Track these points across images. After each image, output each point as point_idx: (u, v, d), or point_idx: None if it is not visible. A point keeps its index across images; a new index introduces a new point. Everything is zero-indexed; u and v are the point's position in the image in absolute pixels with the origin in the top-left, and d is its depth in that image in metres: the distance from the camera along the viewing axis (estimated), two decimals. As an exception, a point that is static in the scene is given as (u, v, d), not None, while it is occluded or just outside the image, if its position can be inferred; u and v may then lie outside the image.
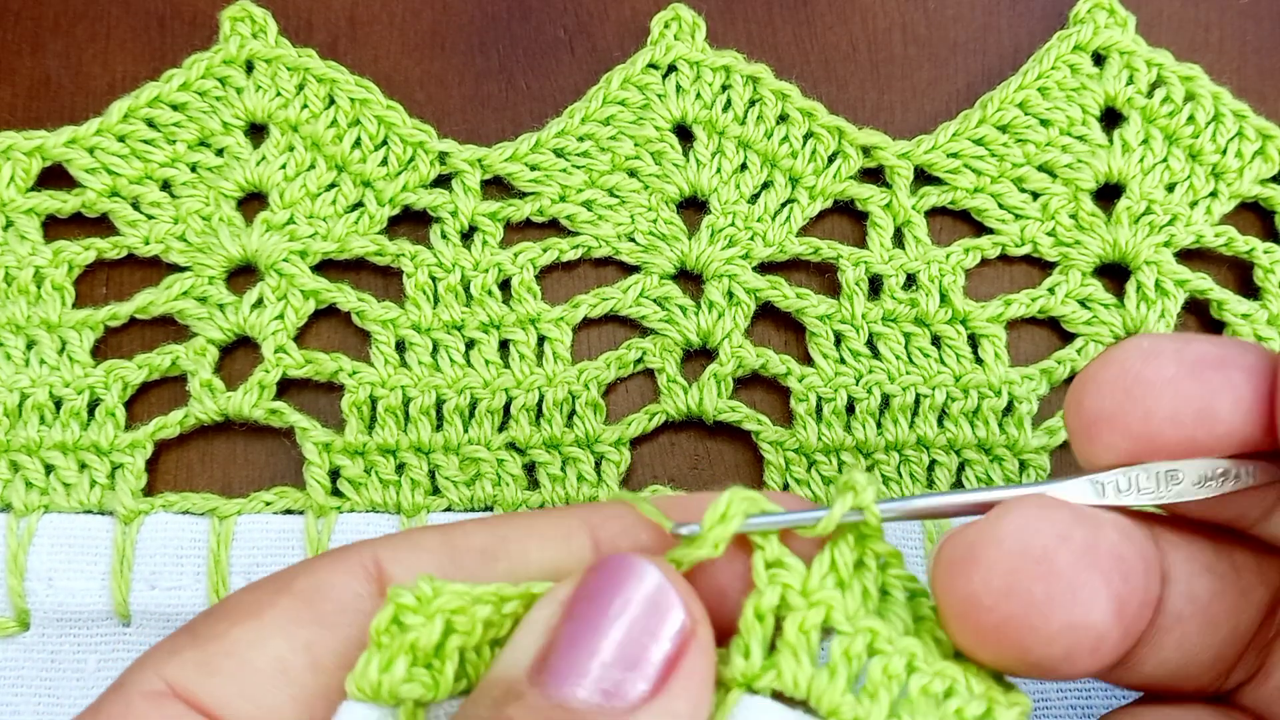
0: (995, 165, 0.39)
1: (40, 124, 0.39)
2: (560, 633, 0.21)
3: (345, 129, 0.39)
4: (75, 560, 0.35)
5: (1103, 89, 0.40)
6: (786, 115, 0.40)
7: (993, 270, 0.39)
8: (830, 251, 0.38)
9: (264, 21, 0.40)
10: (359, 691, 0.21)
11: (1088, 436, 0.23)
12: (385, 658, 0.21)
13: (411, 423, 0.36)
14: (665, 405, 0.37)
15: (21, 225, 0.38)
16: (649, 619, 0.21)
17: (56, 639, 0.34)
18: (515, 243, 0.39)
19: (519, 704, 0.20)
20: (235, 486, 0.37)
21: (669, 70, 0.40)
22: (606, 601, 0.21)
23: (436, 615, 0.21)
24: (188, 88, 0.39)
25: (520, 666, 0.21)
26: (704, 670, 0.21)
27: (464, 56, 0.41)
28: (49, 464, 0.36)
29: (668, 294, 0.38)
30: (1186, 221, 0.39)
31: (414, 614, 0.21)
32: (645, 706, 0.20)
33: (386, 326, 0.37)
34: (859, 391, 0.37)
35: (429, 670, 0.22)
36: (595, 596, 0.21)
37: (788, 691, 0.22)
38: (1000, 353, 0.37)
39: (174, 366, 0.37)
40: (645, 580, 0.21)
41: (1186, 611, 0.23)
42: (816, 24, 0.42)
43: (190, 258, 0.38)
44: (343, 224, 0.38)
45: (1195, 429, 0.22)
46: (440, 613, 0.21)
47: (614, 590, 0.21)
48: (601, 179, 0.39)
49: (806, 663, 0.22)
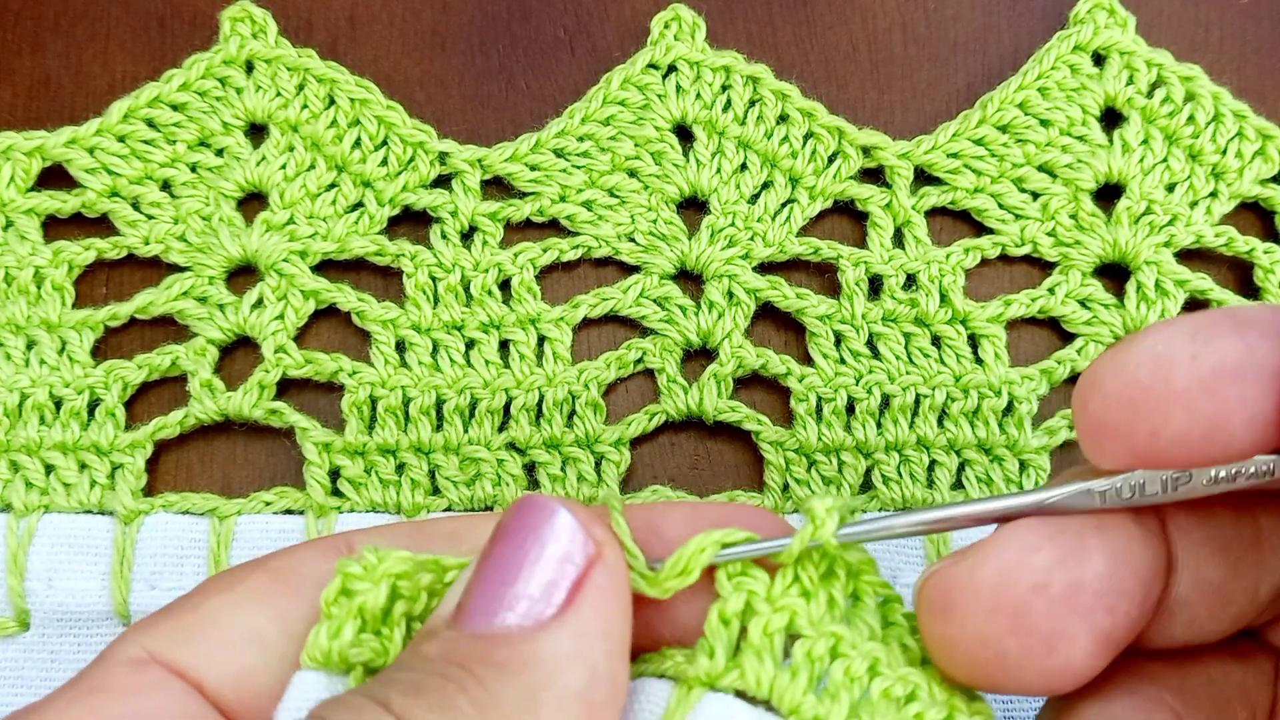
0: (995, 165, 0.39)
1: (40, 124, 0.39)
2: (474, 577, 0.22)
3: (345, 129, 0.39)
4: (75, 560, 0.35)
5: (1103, 89, 0.40)
6: (786, 115, 0.40)
7: (993, 270, 0.39)
8: (830, 251, 0.38)
9: (264, 21, 0.40)
10: (310, 660, 0.22)
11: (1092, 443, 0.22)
12: (334, 625, 0.22)
13: (411, 423, 0.36)
14: (665, 405, 0.37)
15: (21, 225, 0.38)
16: (553, 548, 0.22)
17: (56, 639, 0.34)
18: (515, 243, 0.39)
19: (433, 640, 0.21)
20: (235, 486, 0.37)
21: (669, 70, 0.40)
22: (515, 540, 0.22)
23: (382, 580, 0.22)
24: (188, 88, 0.39)
25: (443, 616, 0.22)
26: (612, 588, 0.22)
27: (464, 56, 0.41)
28: (49, 464, 0.36)
29: (668, 294, 0.38)
30: (1186, 221, 0.39)
31: (361, 581, 0.22)
32: (553, 623, 0.21)
33: (386, 326, 0.37)
34: (859, 391, 0.37)
35: (378, 636, 0.22)
36: (504, 537, 0.22)
37: (750, 691, 0.22)
38: (1000, 353, 0.37)
39: (174, 366, 0.37)
40: (549, 514, 0.22)
41: (1194, 597, 0.23)
42: (816, 24, 0.42)
43: (190, 258, 0.38)
44: (343, 224, 0.38)
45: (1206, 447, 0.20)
46: (385, 577, 0.22)
47: (521, 528, 0.22)
48: (601, 179, 0.39)
49: (769, 663, 0.22)
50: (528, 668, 0.20)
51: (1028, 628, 0.21)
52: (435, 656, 0.21)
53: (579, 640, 0.21)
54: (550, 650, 0.21)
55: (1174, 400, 0.20)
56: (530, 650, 0.21)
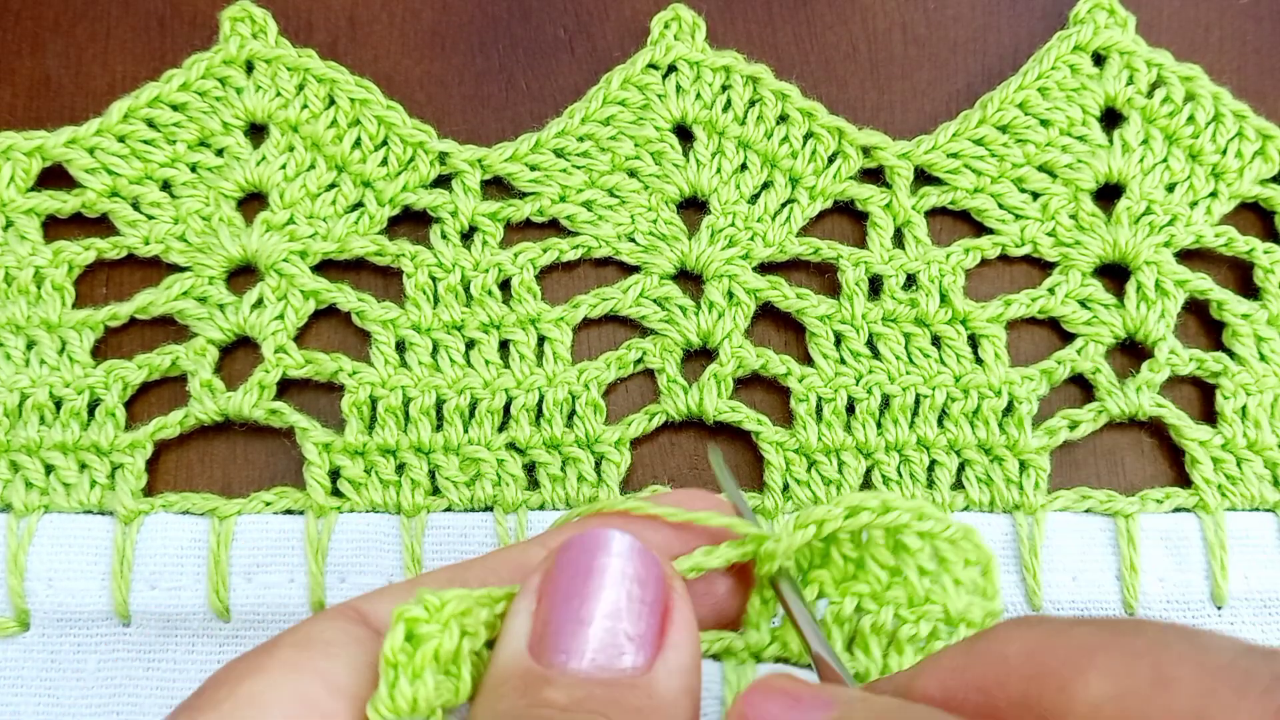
0: (995, 165, 0.39)
1: (40, 124, 0.39)
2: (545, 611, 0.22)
3: (345, 129, 0.39)
4: (75, 560, 0.35)
5: (1103, 89, 0.40)
6: (786, 115, 0.40)
7: (993, 270, 0.39)
8: (830, 251, 0.38)
9: (264, 21, 0.40)
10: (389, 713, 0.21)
11: None
12: (410, 673, 0.21)
13: (411, 423, 0.36)
14: (665, 405, 0.37)
15: (21, 225, 0.38)
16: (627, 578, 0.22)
17: (56, 639, 0.34)
18: (515, 243, 0.39)
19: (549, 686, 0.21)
20: (235, 486, 0.37)
21: (669, 70, 0.40)
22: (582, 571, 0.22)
23: (450, 620, 0.22)
24: (188, 88, 0.39)
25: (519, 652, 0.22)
26: (691, 617, 0.23)
27: (464, 56, 0.41)
28: (49, 464, 0.36)
29: (668, 294, 0.38)
30: (1186, 221, 0.39)
31: (427, 624, 0.22)
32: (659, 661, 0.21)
33: (386, 326, 0.37)
34: (859, 392, 0.37)
35: (448, 676, 0.22)
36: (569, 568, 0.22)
37: (793, 659, 0.26)
38: (1000, 353, 0.37)
39: (174, 366, 0.37)
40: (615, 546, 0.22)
41: None
42: (816, 24, 0.42)
43: (190, 258, 0.38)
44: (343, 224, 0.38)
45: None
46: (453, 617, 0.22)
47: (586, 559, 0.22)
48: (601, 179, 0.39)
49: None
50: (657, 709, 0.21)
51: None
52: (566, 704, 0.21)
53: (684, 676, 0.22)
54: (667, 689, 0.21)
55: None
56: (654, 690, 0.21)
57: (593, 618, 0.21)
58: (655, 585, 0.22)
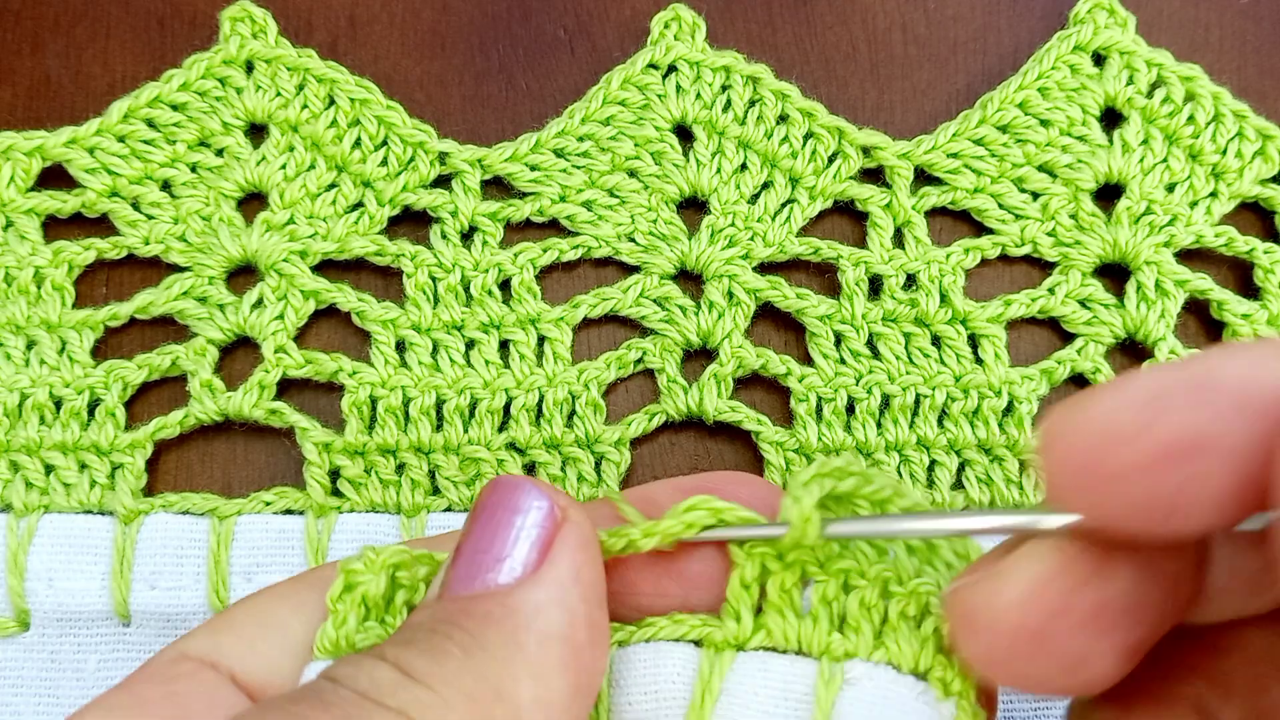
0: (995, 165, 0.39)
1: (40, 124, 0.39)
2: (456, 552, 0.24)
3: (345, 129, 0.39)
4: (75, 560, 0.35)
5: (1103, 89, 0.40)
6: (786, 115, 0.40)
7: (993, 270, 0.39)
8: (830, 251, 0.38)
9: (264, 21, 0.40)
10: (320, 650, 0.24)
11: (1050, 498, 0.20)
12: (340, 615, 0.24)
13: (411, 423, 0.36)
14: (665, 405, 0.37)
15: (21, 225, 0.38)
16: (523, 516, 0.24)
17: (56, 639, 0.34)
18: (515, 243, 0.39)
19: (423, 609, 0.24)
20: (235, 486, 0.37)
21: (669, 70, 0.40)
22: (490, 514, 0.24)
23: (381, 570, 0.24)
24: (188, 88, 0.39)
25: (433, 594, 0.24)
26: (580, 542, 0.24)
27: (464, 56, 0.41)
28: (49, 464, 0.36)
29: (668, 294, 0.38)
30: (1186, 221, 0.39)
31: (363, 575, 0.24)
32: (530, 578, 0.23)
33: (386, 326, 0.37)
34: (859, 392, 0.37)
35: (382, 625, 0.24)
36: (479, 514, 0.25)
37: (780, 647, 0.25)
38: (1000, 353, 0.37)
39: (174, 366, 0.37)
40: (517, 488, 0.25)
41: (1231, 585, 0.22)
42: (816, 24, 0.42)
43: (190, 258, 0.38)
44: (343, 224, 0.38)
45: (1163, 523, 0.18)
46: (385, 567, 0.24)
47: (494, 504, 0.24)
48: (601, 179, 0.39)
49: (792, 617, 0.25)
50: (510, 614, 0.22)
51: (1050, 651, 0.20)
52: (425, 619, 0.23)
53: (555, 589, 0.23)
54: (530, 599, 0.23)
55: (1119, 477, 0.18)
56: (511, 600, 0.23)
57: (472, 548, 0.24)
58: (538, 515, 0.24)
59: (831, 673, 0.24)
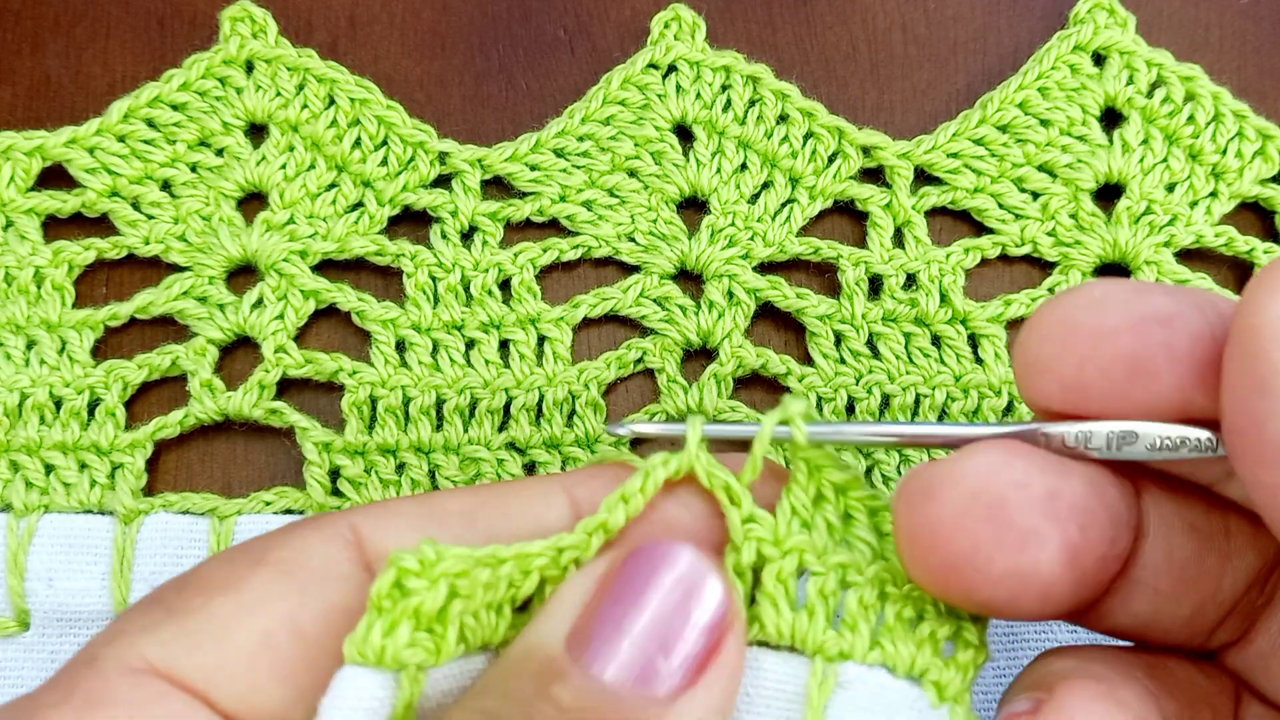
0: (995, 165, 0.39)
1: (40, 124, 0.39)
2: (597, 607, 0.21)
3: (345, 129, 0.39)
4: (75, 560, 0.35)
5: (1103, 89, 0.40)
6: (786, 115, 0.40)
7: (993, 270, 0.39)
8: (830, 251, 0.38)
9: (264, 21, 0.40)
10: (360, 656, 0.21)
11: (1025, 379, 0.23)
12: (388, 622, 0.21)
13: (411, 422, 0.36)
14: (665, 405, 0.37)
15: (21, 225, 0.38)
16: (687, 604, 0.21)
17: (56, 639, 0.34)
18: (515, 243, 0.39)
19: (563, 684, 0.20)
20: (235, 486, 0.37)
21: (669, 70, 0.40)
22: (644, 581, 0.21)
23: (441, 579, 0.21)
24: (188, 88, 0.39)
25: (556, 637, 0.21)
26: (738, 665, 0.22)
27: (464, 56, 0.41)
28: (49, 464, 0.36)
29: (668, 294, 0.38)
30: (1186, 221, 0.39)
31: (417, 578, 0.21)
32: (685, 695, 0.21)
33: (386, 326, 0.37)
34: (859, 391, 0.37)
35: (430, 634, 0.21)
36: (634, 575, 0.21)
37: (772, 641, 0.24)
38: (1000, 353, 0.37)
39: (174, 366, 0.37)
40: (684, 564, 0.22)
41: (1162, 568, 0.23)
42: (816, 24, 0.42)
43: (190, 258, 0.38)
44: (343, 224, 0.38)
45: (1128, 385, 0.21)
46: (444, 577, 0.21)
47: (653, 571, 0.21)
48: (601, 179, 0.39)
49: (786, 610, 0.24)
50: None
51: (1004, 518, 0.21)
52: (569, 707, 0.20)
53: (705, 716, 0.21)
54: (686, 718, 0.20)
55: (1102, 336, 0.21)
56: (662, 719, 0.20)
57: (635, 632, 0.21)
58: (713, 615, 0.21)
59: (825, 673, 0.23)
